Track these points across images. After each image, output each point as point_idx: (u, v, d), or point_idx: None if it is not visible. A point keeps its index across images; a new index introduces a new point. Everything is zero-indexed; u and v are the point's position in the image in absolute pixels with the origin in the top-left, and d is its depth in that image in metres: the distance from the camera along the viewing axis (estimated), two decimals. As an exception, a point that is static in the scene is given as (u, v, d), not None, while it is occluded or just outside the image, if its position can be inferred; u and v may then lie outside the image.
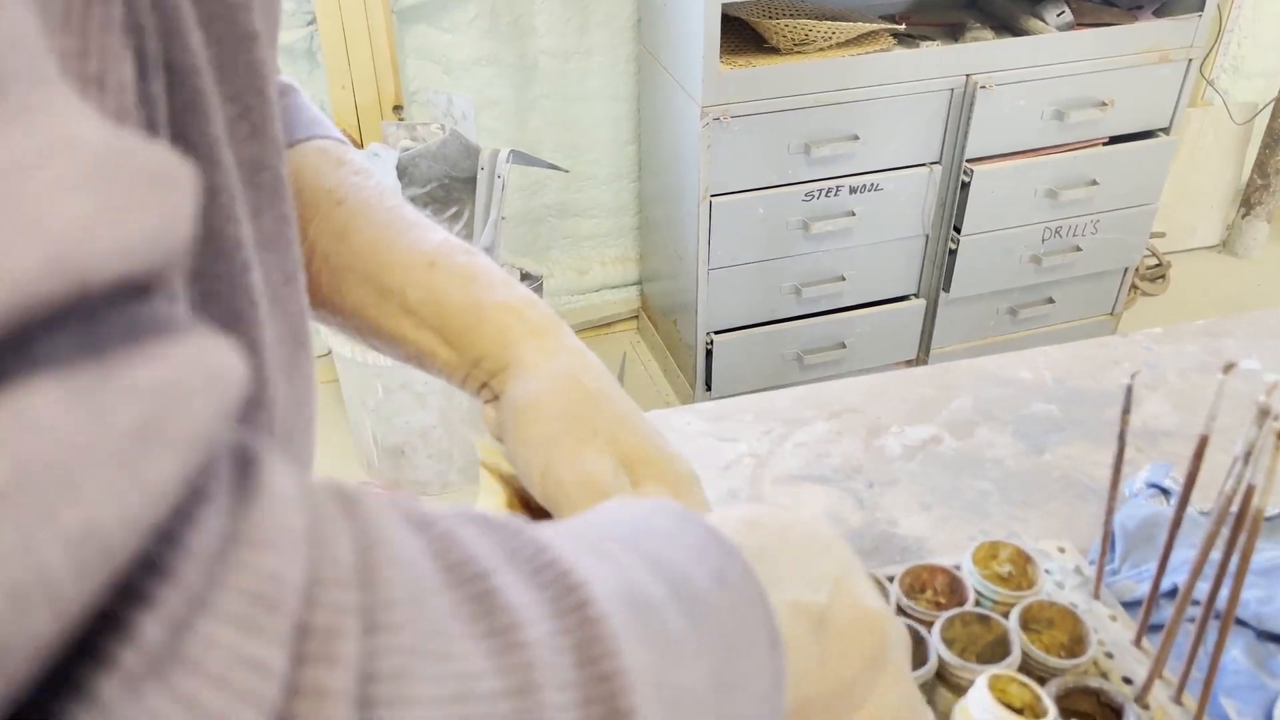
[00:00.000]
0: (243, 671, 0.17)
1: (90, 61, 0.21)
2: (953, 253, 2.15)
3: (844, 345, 2.18)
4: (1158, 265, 2.72)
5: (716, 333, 2.10)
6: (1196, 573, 0.57)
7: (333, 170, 0.53)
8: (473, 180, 1.95)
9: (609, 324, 2.55)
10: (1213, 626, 0.60)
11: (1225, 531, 0.53)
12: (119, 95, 0.22)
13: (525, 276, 2.09)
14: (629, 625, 0.24)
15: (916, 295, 2.22)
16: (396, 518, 0.23)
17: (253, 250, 0.33)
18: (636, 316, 2.55)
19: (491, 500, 0.50)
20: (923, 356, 2.31)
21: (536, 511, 0.49)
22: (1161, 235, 2.77)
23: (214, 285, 0.31)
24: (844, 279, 2.11)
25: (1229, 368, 0.50)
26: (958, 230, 2.12)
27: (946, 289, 2.20)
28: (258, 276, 0.33)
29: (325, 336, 1.94)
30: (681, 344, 2.23)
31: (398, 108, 2.12)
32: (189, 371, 0.18)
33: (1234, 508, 0.51)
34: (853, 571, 0.37)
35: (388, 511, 0.23)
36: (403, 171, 1.89)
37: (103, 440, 0.15)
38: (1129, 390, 0.58)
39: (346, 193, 0.52)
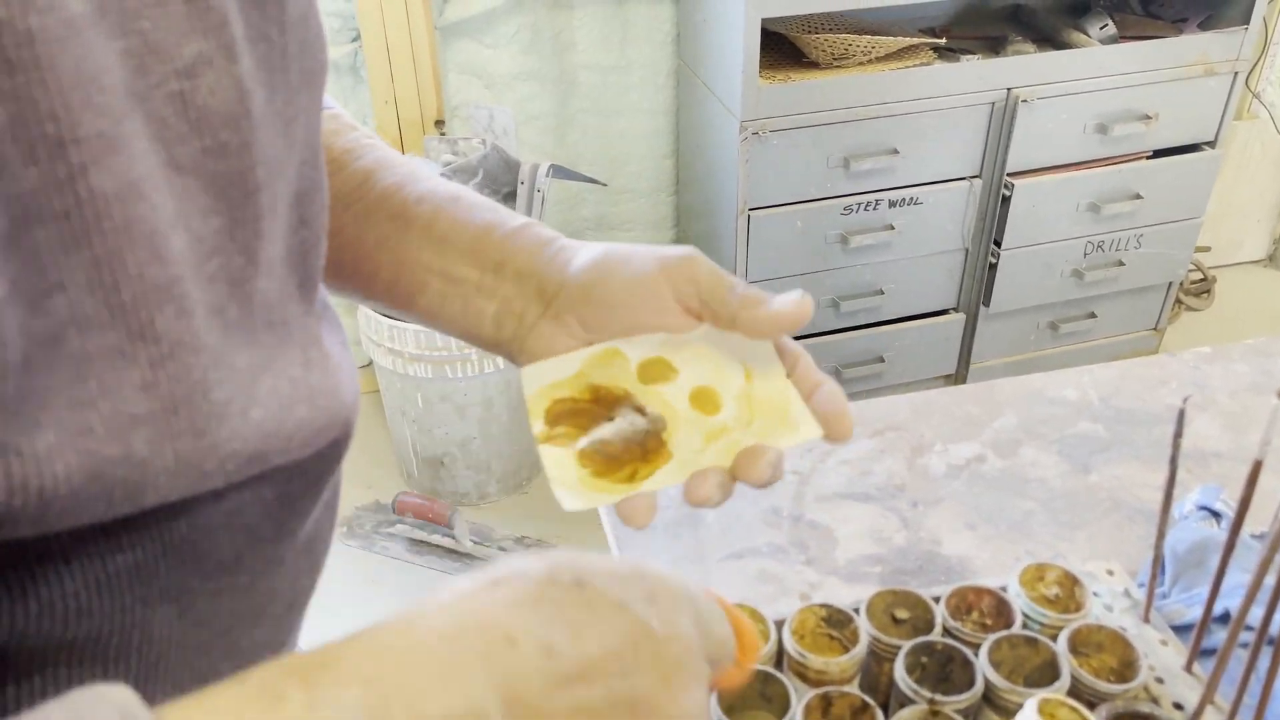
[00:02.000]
0: None
1: None
2: (993, 267, 2.13)
3: (882, 359, 2.17)
4: (1203, 280, 2.69)
5: (754, 346, 2.10)
6: (1251, 598, 0.56)
7: (345, 132, 0.54)
8: (513, 194, 1.96)
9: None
10: (1266, 653, 0.59)
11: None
12: None
13: (564, 289, 2.10)
14: None
15: (956, 309, 2.21)
16: None
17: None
18: (673, 329, 2.55)
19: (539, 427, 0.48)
20: (962, 371, 2.29)
21: (595, 403, 0.48)
22: (1207, 249, 2.74)
23: None
24: (883, 293, 2.10)
25: (1285, 393, 0.49)
26: (998, 244, 2.10)
27: (986, 303, 2.18)
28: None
29: (366, 348, 1.96)
30: (719, 357, 2.23)
31: (439, 122, 2.14)
32: None
33: (1290, 534, 0.50)
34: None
35: None
36: (444, 185, 1.91)
37: None
38: (1181, 414, 0.58)
39: (362, 151, 0.53)
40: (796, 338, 0.51)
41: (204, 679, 0.25)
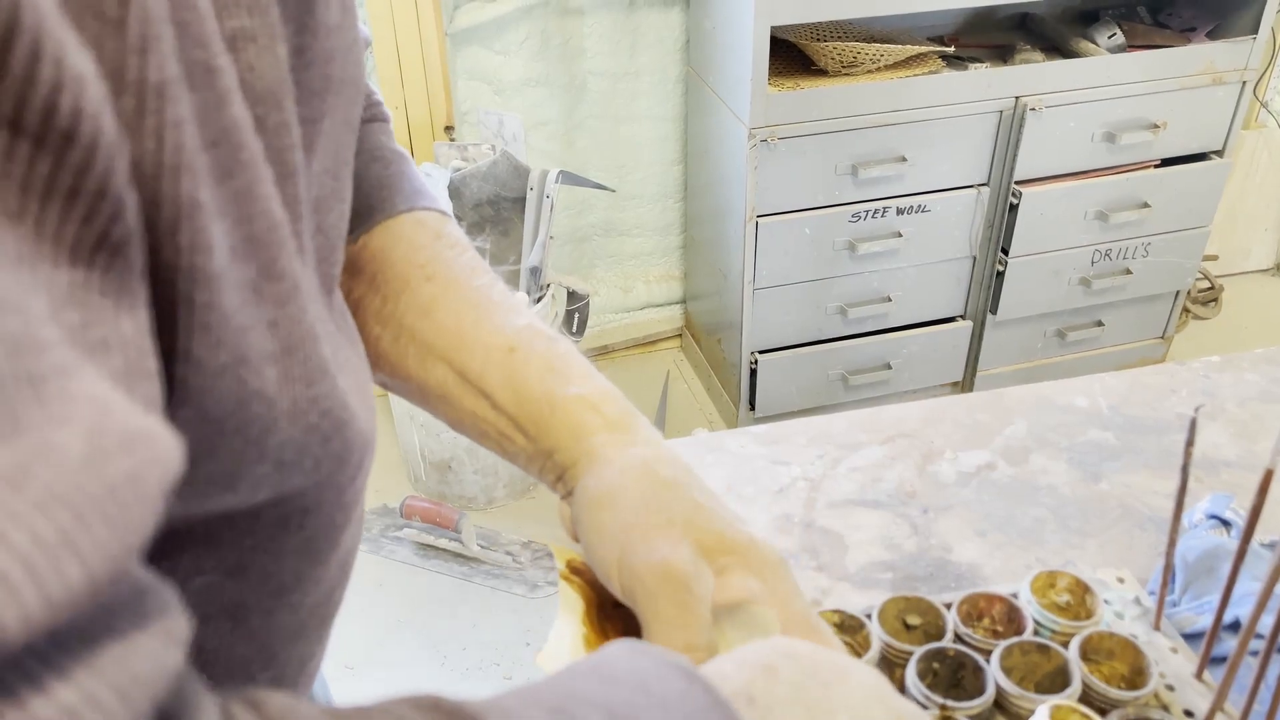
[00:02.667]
0: None
1: (92, 330, 0.22)
2: (1000, 274, 2.13)
3: (889, 366, 2.17)
4: (1210, 288, 2.69)
5: (761, 352, 2.10)
6: (1261, 606, 0.56)
7: (429, 243, 0.53)
8: (522, 200, 1.97)
9: (652, 342, 2.56)
10: (1276, 660, 0.59)
11: (1292, 566, 0.52)
12: (123, 351, 0.23)
13: (571, 294, 2.11)
14: None
15: (963, 317, 2.21)
16: None
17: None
18: (680, 335, 2.56)
19: (570, 614, 0.47)
20: (969, 379, 2.30)
21: (617, 619, 0.47)
22: (1214, 258, 2.74)
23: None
24: (890, 300, 2.11)
25: (1297, 402, 0.50)
26: (1005, 252, 2.11)
27: (994, 311, 2.18)
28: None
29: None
30: (725, 363, 2.23)
31: (449, 128, 2.15)
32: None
33: (1302, 543, 0.51)
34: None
35: None
36: (454, 191, 1.92)
37: None
38: (1193, 423, 0.58)
39: (437, 269, 0.52)
40: (800, 345, 0.52)
41: (241, 686, 0.26)
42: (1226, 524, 0.76)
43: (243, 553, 0.35)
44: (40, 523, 0.17)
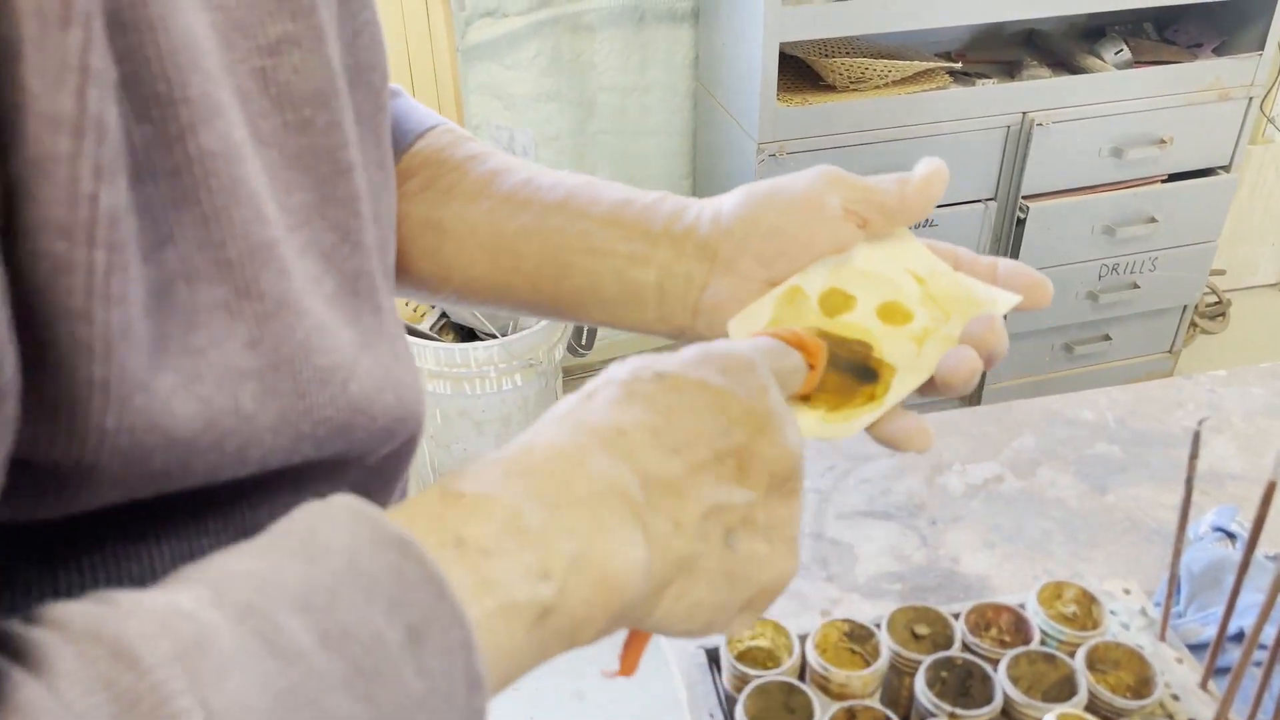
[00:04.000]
0: None
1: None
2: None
3: (897, 380, 2.18)
4: (1218, 303, 2.69)
5: (770, 365, 2.11)
6: (1264, 617, 0.57)
7: (465, 143, 0.54)
8: (533, 213, 1.99)
9: (660, 352, 2.57)
10: (1279, 671, 0.60)
11: (1294, 577, 0.53)
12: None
13: (582, 308, 2.13)
14: None
15: (971, 330, 2.22)
16: None
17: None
18: (689, 348, 2.57)
19: (770, 301, 0.48)
20: (977, 392, 2.30)
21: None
22: (1222, 273, 2.74)
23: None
24: (898, 314, 2.12)
25: (1298, 416, 0.51)
26: (1013, 266, 2.12)
27: (1001, 325, 2.19)
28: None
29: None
30: (734, 376, 2.24)
31: (461, 142, 2.18)
32: None
33: (1303, 554, 0.52)
34: (610, 524, 0.33)
35: None
36: (465, 205, 1.93)
37: None
38: (1196, 436, 0.59)
39: (487, 156, 0.53)
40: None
41: None
42: (1232, 536, 0.77)
43: (247, 517, 0.36)
44: None
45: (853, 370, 0.47)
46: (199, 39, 0.30)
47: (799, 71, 2.03)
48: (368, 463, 0.39)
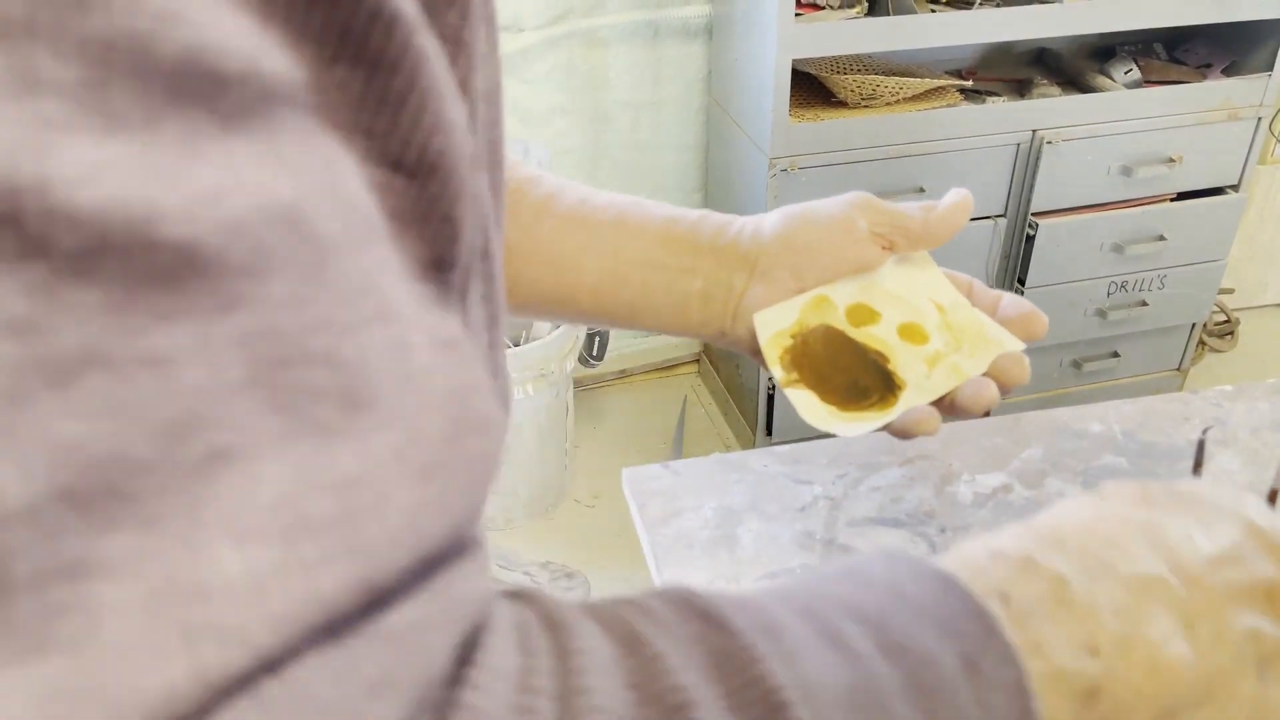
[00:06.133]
0: None
1: (439, 332, 0.24)
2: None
3: (906, 394, 2.20)
4: (1226, 321, 2.70)
5: (779, 379, 2.13)
6: (1269, 623, 0.59)
7: (522, 167, 0.58)
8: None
9: (670, 367, 2.59)
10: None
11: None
12: (463, 349, 0.25)
13: (593, 319, 2.15)
14: None
15: (980, 346, 2.23)
16: (606, 637, 0.24)
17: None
18: (698, 360, 2.59)
19: (793, 307, 0.53)
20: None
21: (825, 348, 0.52)
22: (1230, 291, 2.75)
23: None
24: (907, 328, 2.13)
25: (1301, 425, 0.52)
26: (1022, 283, 2.13)
27: (1010, 341, 2.20)
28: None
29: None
30: (743, 389, 2.26)
31: (475, 155, 2.20)
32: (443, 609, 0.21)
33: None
34: (1155, 614, 0.31)
35: (596, 637, 0.24)
36: (480, 216, 1.96)
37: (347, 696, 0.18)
38: (1200, 444, 0.60)
39: (542, 179, 0.57)
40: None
41: None
42: (1237, 547, 0.78)
43: None
44: (418, 490, 0.20)
45: (869, 374, 0.51)
46: None
47: (811, 88, 2.05)
48: None
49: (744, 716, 0.23)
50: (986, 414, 0.53)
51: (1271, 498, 0.57)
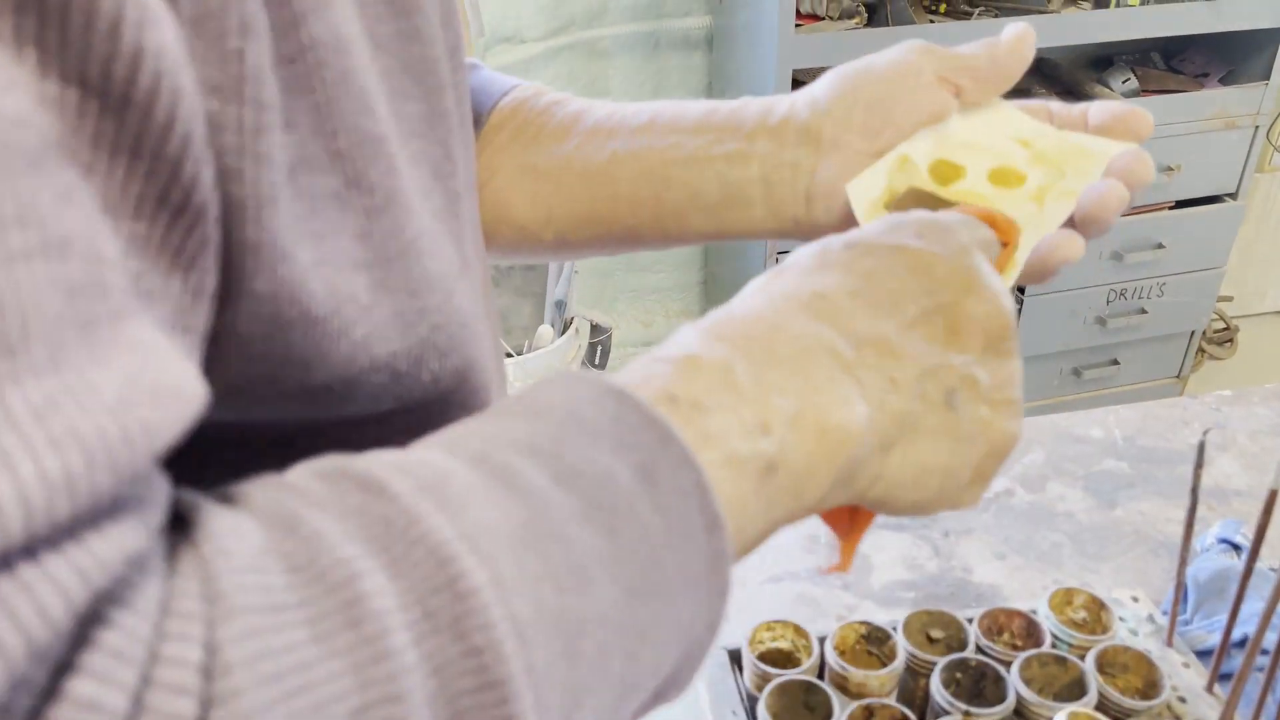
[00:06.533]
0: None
1: (144, 280, 0.23)
2: (1017, 313, 2.17)
3: (907, 401, 2.21)
4: (1225, 329, 2.71)
5: (781, 386, 2.14)
6: (1265, 623, 0.60)
7: (546, 93, 0.55)
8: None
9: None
10: (1284, 675, 0.62)
11: (1295, 581, 0.56)
12: (170, 303, 0.24)
13: (594, 327, 2.16)
14: (514, 577, 0.24)
15: (980, 354, 2.24)
16: (256, 526, 0.23)
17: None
18: (700, 369, 2.60)
19: (885, 170, 0.48)
20: (986, 415, 2.32)
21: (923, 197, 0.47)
22: (1229, 299, 2.76)
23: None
24: (908, 336, 2.14)
25: (1298, 426, 0.53)
26: (1021, 290, 2.15)
27: (1010, 348, 2.22)
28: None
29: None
30: (746, 397, 2.27)
31: (478, 164, 2.22)
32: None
33: (1304, 558, 0.54)
34: (823, 381, 0.32)
35: (244, 523, 0.23)
36: (483, 225, 1.97)
37: None
38: (1201, 446, 0.62)
39: (568, 100, 0.54)
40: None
41: None
42: (1237, 548, 0.79)
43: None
44: (50, 460, 0.18)
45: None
46: None
47: (811, 98, 2.07)
48: (469, 402, 0.38)
49: (412, 577, 0.23)
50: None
51: (1270, 501, 0.58)
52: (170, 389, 0.21)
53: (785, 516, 0.32)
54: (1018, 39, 0.48)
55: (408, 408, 0.35)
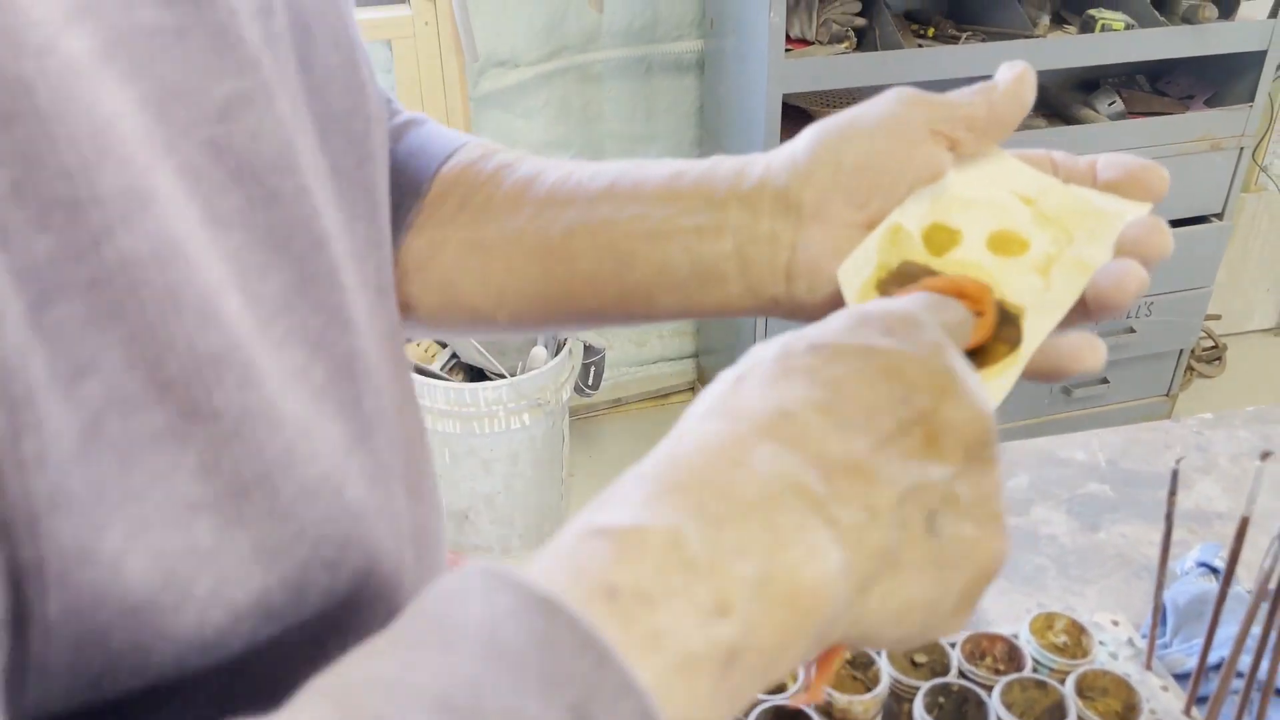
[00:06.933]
0: None
1: None
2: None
3: (899, 421, 2.22)
4: (1214, 348, 2.73)
5: (773, 407, 2.15)
6: (1239, 647, 0.61)
7: (495, 155, 0.49)
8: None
9: (666, 395, 2.61)
10: (1255, 698, 0.63)
11: (1266, 607, 0.57)
12: None
13: (587, 348, 2.18)
14: None
15: (971, 373, 2.26)
16: None
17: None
18: (693, 388, 2.61)
19: (874, 249, 0.41)
20: (977, 434, 2.34)
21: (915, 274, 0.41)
22: (1217, 318, 2.79)
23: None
24: (899, 356, 2.16)
25: (1266, 456, 0.55)
26: (1012, 311, 2.16)
27: (1001, 368, 2.23)
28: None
29: (398, 403, 2.03)
30: (738, 417, 2.28)
31: (472, 187, 2.23)
32: None
33: (1273, 585, 0.56)
34: (792, 530, 0.28)
35: None
36: (477, 248, 1.99)
37: None
38: (1174, 474, 0.63)
39: (520, 162, 0.48)
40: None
41: None
42: (1216, 571, 0.80)
43: (268, 677, 0.31)
44: None
45: (979, 323, 0.39)
46: (115, 121, 0.25)
47: (802, 121, 2.09)
48: (366, 620, 0.33)
49: None
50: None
51: (1242, 526, 0.59)
52: None
53: (754, 693, 0.28)
54: (1016, 80, 0.42)
55: (304, 635, 0.31)
